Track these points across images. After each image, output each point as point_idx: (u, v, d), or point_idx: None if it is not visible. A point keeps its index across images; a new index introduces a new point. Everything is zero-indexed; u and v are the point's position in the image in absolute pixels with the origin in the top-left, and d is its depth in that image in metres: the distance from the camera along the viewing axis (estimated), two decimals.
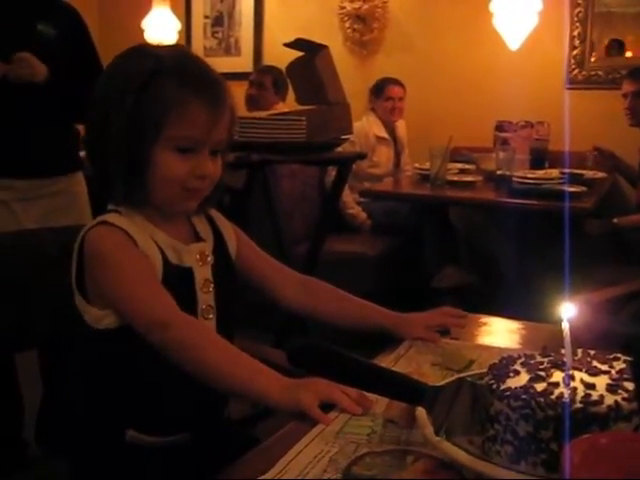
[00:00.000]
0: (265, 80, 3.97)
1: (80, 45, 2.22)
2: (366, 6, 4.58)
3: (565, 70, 4.16)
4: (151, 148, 1.06)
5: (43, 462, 1.60)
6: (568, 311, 0.74)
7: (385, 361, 1.09)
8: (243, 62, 4.94)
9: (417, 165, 3.75)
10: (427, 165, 3.50)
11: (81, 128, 2.10)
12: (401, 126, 4.27)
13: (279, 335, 2.69)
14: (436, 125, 4.18)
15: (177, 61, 1.09)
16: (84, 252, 1.09)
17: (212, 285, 1.15)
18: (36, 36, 2.09)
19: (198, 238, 1.18)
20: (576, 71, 4.15)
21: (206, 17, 5.21)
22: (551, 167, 3.66)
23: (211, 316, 1.15)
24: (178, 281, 1.10)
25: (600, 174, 3.56)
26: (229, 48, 5.13)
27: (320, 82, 2.16)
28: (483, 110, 4.18)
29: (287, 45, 2.28)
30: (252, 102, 3.98)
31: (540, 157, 3.74)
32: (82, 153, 2.22)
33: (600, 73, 4.09)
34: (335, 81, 2.25)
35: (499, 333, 1.32)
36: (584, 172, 3.47)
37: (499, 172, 3.38)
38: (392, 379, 0.79)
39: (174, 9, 4.96)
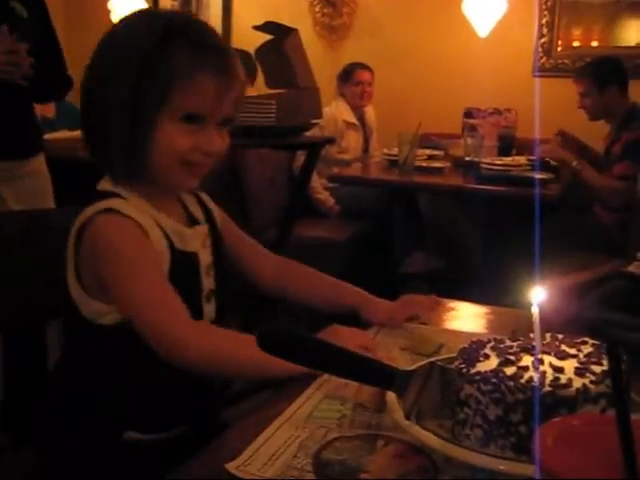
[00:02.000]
0: None
1: (45, 25, 2.22)
2: None
3: (533, 58, 4.19)
4: (156, 116, 1.00)
5: (7, 451, 1.57)
6: (537, 296, 0.74)
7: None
8: None
9: (386, 151, 3.75)
10: (395, 151, 3.50)
11: None
12: (370, 111, 4.27)
13: (247, 319, 2.68)
14: (405, 111, 4.18)
15: (188, 27, 1.02)
16: (85, 241, 1.03)
17: (213, 269, 1.13)
18: (9, 13, 2.09)
19: (193, 221, 1.14)
20: (544, 59, 4.18)
21: None
22: (518, 154, 3.69)
23: (213, 299, 1.14)
24: (184, 267, 1.07)
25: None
26: None
27: (289, 66, 2.15)
28: (452, 96, 4.20)
29: (256, 28, 2.26)
30: None
31: (508, 144, 3.76)
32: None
33: (567, 62, 4.12)
34: (304, 65, 2.23)
35: (467, 318, 1.33)
36: (551, 159, 3.50)
37: (467, 158, 3.40)
38: (362, 364, 0.78)
39: None
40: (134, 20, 1.07)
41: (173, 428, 1.10)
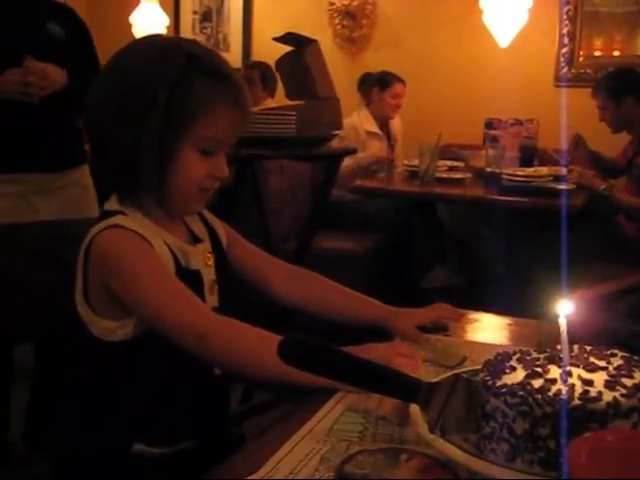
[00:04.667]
0: (253, 76, 3.95)
1: (84, 46, 2.24)
2: (356, 2, 4.57)
3: (555, 68, 4.16)
4: (178, 146, 1.03)
5: (28, 462, 1.57)
6: (564, 307, 0.73)
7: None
8: (232, 58, 4.90)
9: (406, 162, 3.74)
10: (416, 162, 3.48)
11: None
12: (396, 122, 4.24)
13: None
14: (425, 122, 4.16)
15: (206, 59, 1.06)
16: (92, 258, 1.04)
17: (216, 286, 1.14)
18: (46, 36, 2.12)
19: (196, 239, 1.15)
20: (565, 69, 4.15)
21: (195, 12, 5.19)
22: (540, 165, 3.66)
23: None
24: (189, 285, 1.06)
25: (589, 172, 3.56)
26: (218, 44, 5.09)
27: (310, 77, 2.14)
28: (473, 107, 4.18)
29: (276, 39, 2.26)
30: None
31: (529, 155, 3.74)
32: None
33: (589, 71, 4.09)
34: (325, 76, 2.22)
35: (491, 329, 1.31)
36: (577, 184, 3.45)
37: (488, 169, 3.37)
38: (386, 376, 0.77)
39: (162, 4, 4.93)
40: (153, 54, 1.07)
41: (181, 442, 1.09)
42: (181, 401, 1.09)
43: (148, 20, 4.79)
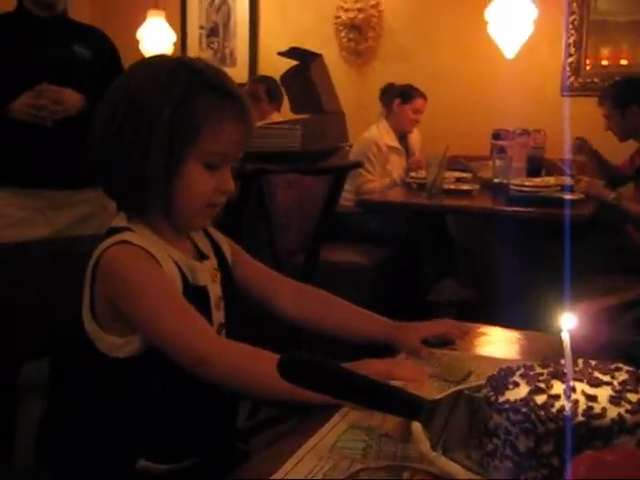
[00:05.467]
0: (259, 90, 3.96)
1: (112, 67, 2.29)
2: (361, 15, 4.58)
3: (561, 77, 4.16)
4: (184, 161, 1.04)
5: (33, 477, 1.57)
6: (568, 321, 0.72)
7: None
8: (238, 72, 4.92)
9: (413, 174, 3.73)
10: (423, 174, 3.48)
11: None
12: (415, 135, 4.23)
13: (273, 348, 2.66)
14: (433, 134, 4.16)
15: (215, 76, 1.07)
16: (99, 274, 1.05)
17: (222, 302, 1.15)
18: (73, 57, 2.20)
19: (201, 255, 1.15)
20: (572, 78, 4.14)
21: (201, 28, 5.21)
22: (548, 175, 3.65)
23: (223, 332, 1.15)
24: (196, 301, 1.07)
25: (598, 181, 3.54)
26: (224, 58, 5.12)
27: (315, 91, 2.14)
28: (480, 118, 4.17)
29: (281, 54, 2.26)
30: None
31: (537, 165, 3.73)
32: None
33: (596, 80, 4.08)
34: (330, 90, 2.23)
35: (498, 343, 1.30)
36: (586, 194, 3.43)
37: (496, 180, 3.36)
38: (387, 393, 0.76)
39: (169, 20, 4.95)
40: (157, 71, 1.08)
41: (186, 459, 1.08)
42: (187, 417, 1.09)
43: (155, 36, 4.82)
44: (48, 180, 2.21)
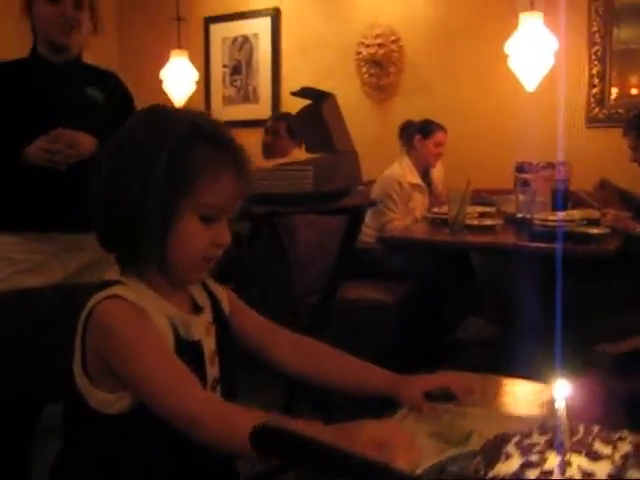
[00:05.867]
0: (280, 127, 3.96)
1: (125, 110, 2.29)
2: (382, 51, 4.58)
3: (586, 109, 4.09)
4: (179, 214, 1.02)
5: None
6: (562, 389, 0.67)
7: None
8: (261, 110, 4.96)
9: (436, 210, 3.68)
10: (445, 209, 3.43)
11: None
12: (438, 170, 4.18)
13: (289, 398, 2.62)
14: (455, 168, 4.11)
15: (212, 128, 1.06)
16: (90, 329, 1.03)
17: (217, 357, 1.12)
18: (86, 100, 2.21)
19: (197, 307, 1.13)
20: (596, 109, 4.07)
21: (225, 66, 5.26)
22: (574, 208, 3.57)
23: (218, 388, 1.12)
24: (189, 356, 1.05)
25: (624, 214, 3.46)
26: (247, 96, 5.15)
27: (327, 130, 2.12)
28: (503, 151, 4.12)
29: (293, 94, 2.25)
30: (268, 150, 3.96)
31: (561, 198, 3.65)
32: None
33: (621, 111, 4.01)
34: (342, 129, 2.20)
35: (507, 396, 1.24)
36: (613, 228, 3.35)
37: (519, 215, 3.30)
38: (364, 470, 0.71)
39: (192, 58, 5.01)
40: (156, 120, 1.07)
41: None
42: (183, 474, 1.05)
43: (178, 75, 4.87)
44: (60, 223, 2.21)
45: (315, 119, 2.16)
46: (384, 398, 1.14)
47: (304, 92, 2.16)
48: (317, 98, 2.17)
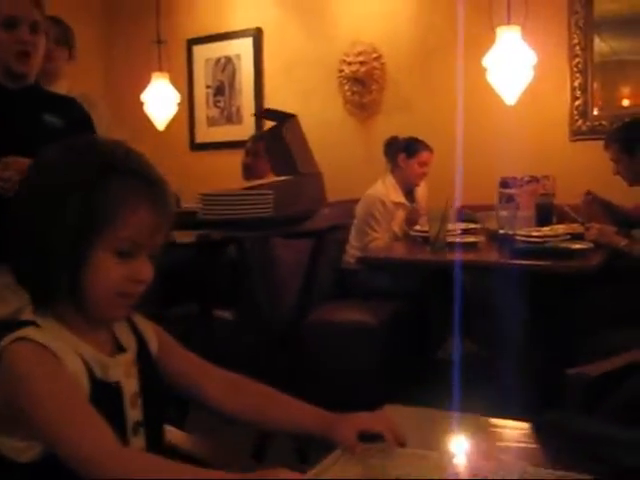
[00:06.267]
0: (259, 148, 3.89)
1: (86, 132, 2.24)
2: (364, 69, 4.54)
3: (568, 122, 4.04)
4: (91, 250, 0.98)
5: None
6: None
7: (309, 475, 0.96)
8: (244, 130, 4.90)
9: (418, 227, 3.63)
10: (426, 227, 3.37)
11: None
12: (421, 188, 4.11)
13: None
14: (438, 185, 4.05)
15: (126, 161, 1.02)
16: None
17: (140, 399, 1.06)
18: (43, 126, 2.16)
19: (120, 347, 1.09)
20: (580, 122, 4.02)
21: (208, 87, 5.23)
22: (559, 222, 3.51)
23: (141, 430, 1.06)
24: (106, 399, 1.00)
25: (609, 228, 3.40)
26: (231, 116, 5.12)
27: (288, 152, 2.07)
28: (486, 167, 4.07)
29: (256, 115, 2.21)
30: (248, 171, 3.92)
31: (546, 213, 3.59)
32: None
33: (604, 123, 3.95)
34: (305, 150, 2.15)
35: (457, 433, 1.17)
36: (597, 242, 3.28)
37: (501, 231, 3.24)
38: None
39: (175, 80, 4.98)
40: (68, 155, 1.04)
41: None
42: None
43: (159, 97, 4.84)
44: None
45: (277, 141, 2.11)
46: (319, 438, 1.08)
47: (266, 113, 2.12)
48: (278, 119, 2.12)
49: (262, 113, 2.23)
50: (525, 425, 1.11)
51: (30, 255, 1.00)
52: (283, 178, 2.10)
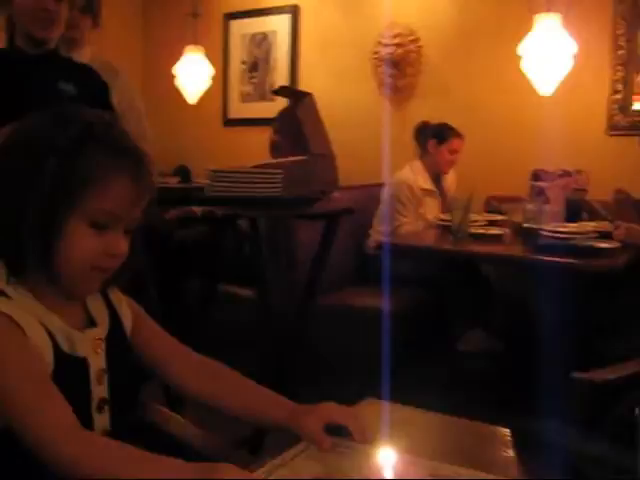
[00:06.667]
0: None
1: (99, 104, 2.23)
2: (400, 51, 4.44)
3: (606, 115, 3.91)
4: (66, 219, 0.96)
5: None
6: None
7: (264, 467, 0.92)
8: (277, 107, 4.80)
9: (442, 216, 3.55)
10: (449, 216, 3.30)
11: None
12: (450, 176, 4.04)
13: None
14: (468, 173, 3.97)
15: (107, 132, 1.00)
16: None
17: (106, 375, 1.04)
18: (57, 92, 2.16)
19: (92, 322, 1.07)
20: (618, 116, 3.88)
21: (243, 62, 5.19)
22: (591, 219, 3.40)
23: (106, 408, 1.04)
24: (70, 373, 0.99)
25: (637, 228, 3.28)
26: (264, 93, 5.06)
27: (301, 132, 2.02)
28: (519, 158, 3.97)
29: (274, 92, 2.16)
30: (275, 148, 3.87)
31: (576, 208, 3.48)
32: None
33: None
34: (319, 131, 2.10)
35: (423, 433, 1.12)
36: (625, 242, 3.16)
37: (526, 225, 3.15)
38: None
39: (209, 55, 4.94)
40: (49, 121, 1.01)
41: None
42: None
43: (192, 71, 4.81)
44: None
45: (291, 120, 2.06)
46: (285, 430, 1.05)
47: (282, 91, 2.06)
48: (294, 98, 2.07)
49: (277, 90, 2.17)
50: (506, 431, 1.05)
51: (3, 221, 0.98)
52: (293, 158, 2.05)
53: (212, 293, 2.67)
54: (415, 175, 3.85)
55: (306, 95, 2.10)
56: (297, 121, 2.02)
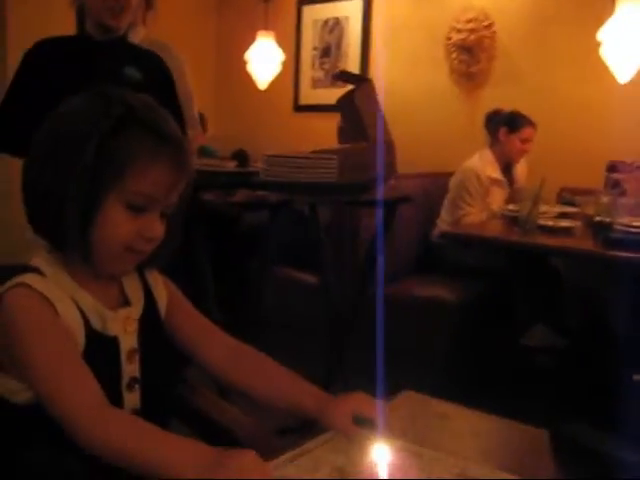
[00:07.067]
0: None
1: (164, 91, 2.28)
2: (473, 36, 4.32)
3: None
4: (105, 197, 0.97)
5: None
6: None
7: (285, 455, 0.91)
8: None
9: (510, 207, 3.45)
10: (517, 207, 3.21)
11: None
12: (521, 165, 3.93)
13: None
14: (540, 163, 3.84)
15: (148, 115, 1.00)
16: None
17: (138, 355, 1.05)
18: (122, 79, 2.19)
19: (126, 301, 1.08)
20: None
21: (315, 49, 5.16)
22: None
23: (136, 387, 1.05)
24: (101, 351, 1.01)
25: None
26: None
27: (359, 118, 1.99)
28: (594, 148, 3.82)
29: (333, 76, 2.13)
30: (340, 134, 3.83)
31: None
32: None
33: None
34: (377, 117, 2.06)
35: (458, 430, 1.08)
36: None
37: (597, 218, 3.03)
38: None
39: (280, 40, 4.94)
40: (95, 98, 1.02)
41: None
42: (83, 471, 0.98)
43: (263, 57, 4.82)
44: None
45: (350, 106, 2.03)
46: (312, 419, 1.03)
47: (341, 75, 2.03)
48: (353, 83, 2.03)
49: (337, 74, 2.14)
50: (541, 432, 1.01)
51: (45, 201, 0.99)
52: (351, 145, 2.02)
53: (263, 274, 2.67)
54: (484, 164, 3.76)
55: (365, 80, 2.06)
56: (354, 106, 1.98)
